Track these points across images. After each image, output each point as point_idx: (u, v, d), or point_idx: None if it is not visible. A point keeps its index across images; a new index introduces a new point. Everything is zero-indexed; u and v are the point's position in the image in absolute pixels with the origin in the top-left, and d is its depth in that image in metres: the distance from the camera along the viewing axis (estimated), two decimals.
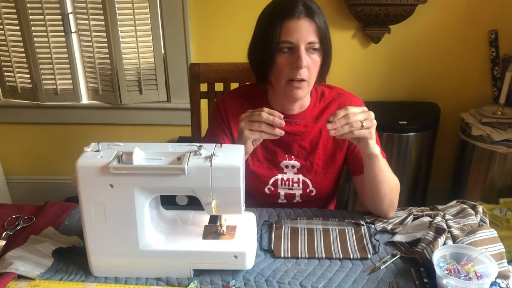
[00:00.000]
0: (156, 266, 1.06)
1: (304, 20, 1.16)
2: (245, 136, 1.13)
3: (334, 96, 1.35)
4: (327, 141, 1.33)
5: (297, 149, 1.33)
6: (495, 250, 1.06)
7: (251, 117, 1.12)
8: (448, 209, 1.26)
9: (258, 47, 1.23)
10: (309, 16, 1.16)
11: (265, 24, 1.19)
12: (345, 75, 2.40)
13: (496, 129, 2.20)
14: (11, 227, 1.23)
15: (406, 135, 2.26)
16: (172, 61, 2.47)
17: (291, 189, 1.36)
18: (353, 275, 1.06)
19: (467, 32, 2.36)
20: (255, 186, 1.34)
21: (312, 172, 1.34)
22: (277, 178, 1.35)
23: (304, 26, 1.16)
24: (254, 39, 1.26)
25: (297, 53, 1.16)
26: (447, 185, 2.59)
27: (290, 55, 1.18)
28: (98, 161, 1.00)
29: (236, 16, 2.36)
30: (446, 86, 2.47)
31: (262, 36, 1.19)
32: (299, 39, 1.16)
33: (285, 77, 1.20)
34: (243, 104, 1.34)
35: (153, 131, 2.65)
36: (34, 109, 2.61)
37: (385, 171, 1.22)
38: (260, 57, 1.22)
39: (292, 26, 1.15)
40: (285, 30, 1.16)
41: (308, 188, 1.35)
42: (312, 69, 1.20)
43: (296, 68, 1.17)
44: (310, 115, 1.33)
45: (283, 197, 1.37)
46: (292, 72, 1.18)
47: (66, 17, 2.37)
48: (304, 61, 1.16)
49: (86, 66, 2.51)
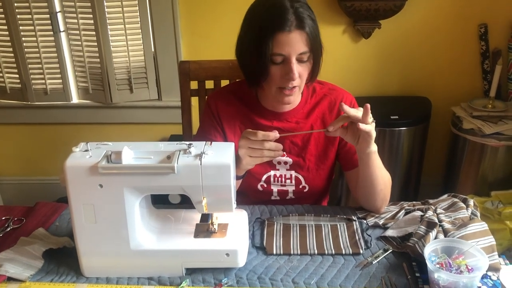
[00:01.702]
0: (147, 266, 1.06)
1: (295, 32, 1.14)
2: (247, 163, 1.15)
3: (325, 92, 1.35)
4: (319, 137, 1.33)
5: (288, 145, 1.33)
6: (486, 243, 1.07)
7: (251, 144, 1.12)
8: (440, 203, 1.26)
9: (249, 57, 1.21)
10: (300, 27, 1.15)
11: (256, 36, 1.17)
12: (336, 71, 2.40)
13: (487, 122, 2.21)
14: (1, 229, 1.22)
15: (398, 129, 2.26)
16: (163, 59, 2.45)
17: (284, 185, 1.35)
18: (346, 270, 1.07)
19: (457, 26, 2.36)
20: (248, 183, 1.34)
21: (304, 168, 1.34)
22: (269, 175, 1.35)
23: (295, 38, 1.15)
24: (244, 45, 1.23)
25: (289, 66, 1.16)
26: (439, 179, 2.60)
27: (281, 66, 1.18)
28: (86, 161, 0.99)
29: (226, 13, 2.35)
30: (437, 80, 2.48)
31: (253, 48, 1.18)
32: (291, 51, 1.15)
33: (276, 84, 1.21)
34: (234, 101, 1.34)
35: (145, 130, 2.63)
36: (23, 109, 2.58)
37: (380, 167, 1.22)
38: (252, 67, 1.21)
39: (283, 39, 1.14)
40: (276, 42, 1.15)
41: (301, 184, 1.35)
42: (303, 76, 1.20)
43: (288, 79, 1.18)
44: (302, 111, 1.33)
45: (276, 194, 1.37)
46: (283, 81, 1.19)
47: (54, 16, 2.35)
48: (296, 73, 1.17)
49: (75, 65, 2.49)
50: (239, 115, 1.33)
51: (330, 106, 1.33)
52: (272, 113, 1.32)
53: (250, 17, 1.22)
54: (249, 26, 1.21)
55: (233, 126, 1.33)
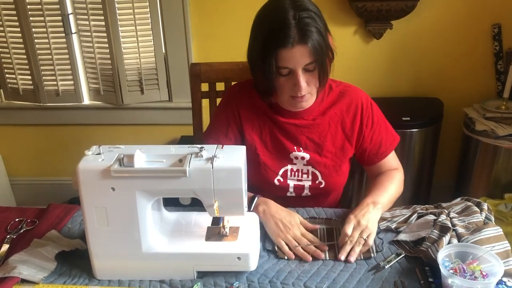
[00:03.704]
0: (159, 269, 1.06)
1: (297, 47, 1.15)
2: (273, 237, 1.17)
3: (341, 89, 1.37)
4: (336, 133, 1.34)
5: (305, 141, 1.34)
6: (500, 248, 1.05)
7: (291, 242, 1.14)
8: (453, 206, 1.24)
9: (257, 70, 1.25)
10: (303, 41, 1.15)
11: (261, 50, 1.20)
12: (347, 72, 2.36)
13: (500, 124, 2.18)
14: (14, 231, 1.23)
15: (410, 131, 2.24)
16: (173, 60, 2.46)
17: (300, 180, 1.36)
18: (358, 275, 1.06)
19: (469, 26, 2.33)
20: (265, 176, 1.35)
21: (321, 164, 1.35)
22: (286, 169, 1.35)
23: (298, 53, 1.16)
24: (252, 55, 1.26)
25: (295, 78, 1.19)
26: (451, 181, 2.57)
27: (289, 77, 1.21)
28: (99, 164, 0.99)
29: (236, 14, 2.35)
30: (449, 81, 2.45)
31: (260, 61, 1.21)
32: (296, 64, 1.18)
33: (287, 93, 1.24)
34: (255, 96, 1.35)
35: (155, 131, 2.64)
36: (36, 111, 2.60)
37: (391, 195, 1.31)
38: (261, 79, 1.24)
39: (287, 54, 1.16)
40: (281, 58, 1.17)
41: (317, 179, 1.36)
42: (312, 83, 1.22)
43: (296, 90, 1.21)
44: (318, 109, 1.34)
45: (292, 190, 1.37)
46: (293, 91, 1.22)
47: (66, 18, 2.37)
48: (302, 85, 1.19)
49: (87, 66, 2.50)
50: (257, 110, 1.35)
51: (347, 105, 1.36)
52: (288, 112, 1.33)
53: (256, 28, 1.24)
54: (255, 38, 1.24)
55: (250, 120, 1.35)
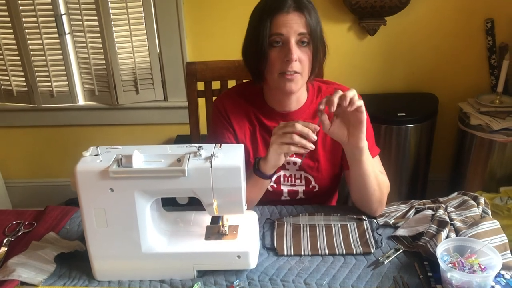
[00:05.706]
0: (159, 269, 1.06)
1: (293, 13, 1.18)
2: (273, 149, 1.14)
3: (331, 92, 1.34)
4: (325, 136, 1.33)
5: None
6: (498, 242, 1.06)
7: (285, 128, 1.12)
8: (450, 201, 1.25)
9: (250, 45, 1.24)
10: (298, 9, 1.18)
11: (256, 21, 1.21)
12: (341, 68, 2.39)
13: (495, 118, 2.20)
14: (12, 233, 1.23)
15: (405, 126, 2.25)
16: (168, 60, 2.45)
17: (294, 185, 1.35)
18: (357, 270, 1.06)
19: (463, 22, 2.34)
20: None
21: (314, 169, 1.34)
22: (279, 175, 1.34)
23: (293, 19, 1.17)
24: (247, 37, 1.27)
25: (287, 47, 1.18)
26: (447, 176, 2.59)
27: (281, 49, 1.19)
28: (97, 165, 0.99)
29: (231, 12, 2.34)
30: (444, 76, 2.46)
31: (254, 33, 1.21)
32: (289, 31, 1.17)
33: (277, 70, 1.21)
34: (241, 102, 1.34)
35: (151, 131, 2.64)
36: (30, 112, 2.59)
37: (372, 165, 1.21)
38: (253, 53, 1.23)
39: (281, 20, 1.17)
40: (275, 24, 1.18)
41: (311, 184, 1.35)
42: (304, 62, 1.21)
43: (288, 62, 1.18)
44: (308, 111, 1.33)
45: (286, 194, 1.36)
46: (283, 66, 1.19)
47: (59, 19, 2.36)
48: (294, 54, 1.18)
49: (81, 67, 2.49)
50: (246, 116, 1.34)
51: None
52: (278, 113, 1.32)
53: (253, 10, 1.25)
54: (251, 18, 1.25)
55: (243, 127, 1.33)
